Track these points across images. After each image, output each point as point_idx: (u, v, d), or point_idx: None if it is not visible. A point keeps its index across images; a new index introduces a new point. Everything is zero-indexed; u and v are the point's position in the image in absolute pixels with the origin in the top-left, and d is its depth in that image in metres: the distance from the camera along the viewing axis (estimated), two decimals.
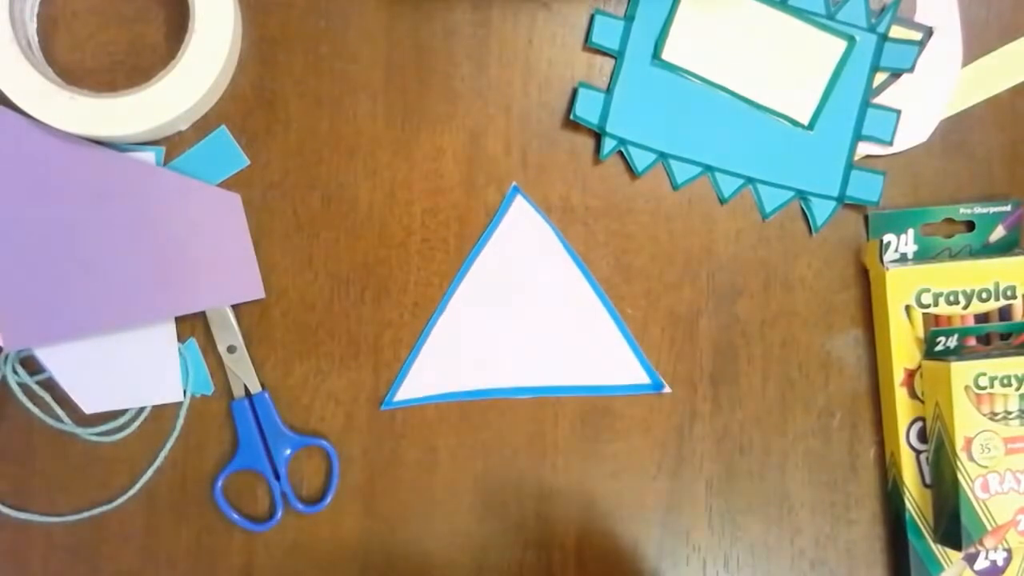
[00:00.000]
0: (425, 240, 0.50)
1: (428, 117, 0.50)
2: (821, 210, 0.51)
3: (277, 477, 0.48)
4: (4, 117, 0.44)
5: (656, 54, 0.50)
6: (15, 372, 0.47)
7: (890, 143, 0.50)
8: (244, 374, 0.48)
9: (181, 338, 0.49)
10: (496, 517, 0.50)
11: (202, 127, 0.49)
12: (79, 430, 0.48)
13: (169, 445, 0.49)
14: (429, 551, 0.50)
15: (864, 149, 0.51)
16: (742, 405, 0.51)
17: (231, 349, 0.47)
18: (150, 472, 0.49)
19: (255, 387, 0.48)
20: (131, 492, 0.49)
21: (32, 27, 0.48)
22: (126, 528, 0.49)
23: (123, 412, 0.49)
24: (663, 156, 0.50)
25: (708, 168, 0.50)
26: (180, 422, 0.49)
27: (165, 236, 0.48)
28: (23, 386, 0.48)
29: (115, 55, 0.49)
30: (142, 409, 0.49)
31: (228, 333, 0.47)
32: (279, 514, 0.49)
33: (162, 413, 0.49)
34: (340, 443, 0.49)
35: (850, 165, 0.50)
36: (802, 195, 0.51)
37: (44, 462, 0.49)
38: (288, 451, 0.48)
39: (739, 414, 0.51)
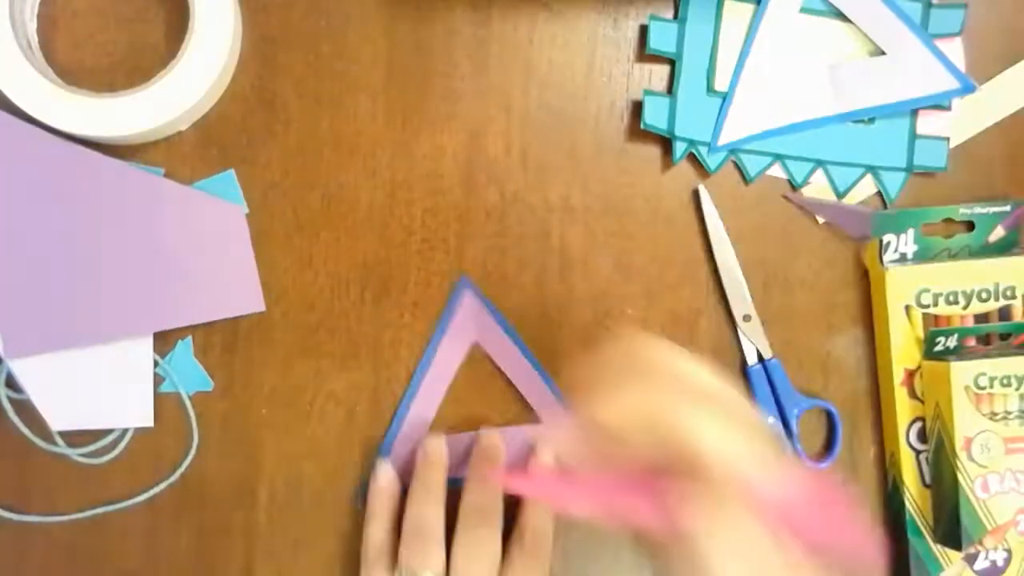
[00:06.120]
0: (425, 240, 0.50)
1: (428, 117, 0.50)
2: (892, 182, 0.51)
3: (790, 436, 0.50)
4: (8, 124, 0.44)
5: (711, 61, 0.50)
6: (6, 387, 0.47)
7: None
8: (757, 341, 0.50)
9: (176, 339, 0.49)
10: None
11: (202, 127, 0.49)
12: (69, 450, 0.48)
13: (187, 461, 0.49)
14: None
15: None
16: None
17: (746, 318, 0.50)
18: (162, 485, 0.49)
19: (767, 353, 0.50)
20: (139, 498, 0.49)
21: (32, 27, 0.48)
22: (126, 528, 0.49)
23: (108, 432, 0.49)
24: (733, 151, 0.50)
25: (778, 156, 0.51)
26: (195, 438, 0.49)
27: (167, 246, 0.47)
28: (15, 402, 0.48)
29: (115, 55, 0.49)
30: (125, 431, 0.49)
31: (743, 304, 0.50)
32: None
33: (161, 413, 0.49)
34: None
35: (914, 136, 0.51)
36: (872, 170, 0.51)
37: (44, 462, 0.49)
38: (797, 412, 0.51)
39: None
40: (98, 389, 0.47)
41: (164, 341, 0.49)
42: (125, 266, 0.46)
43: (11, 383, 0.47)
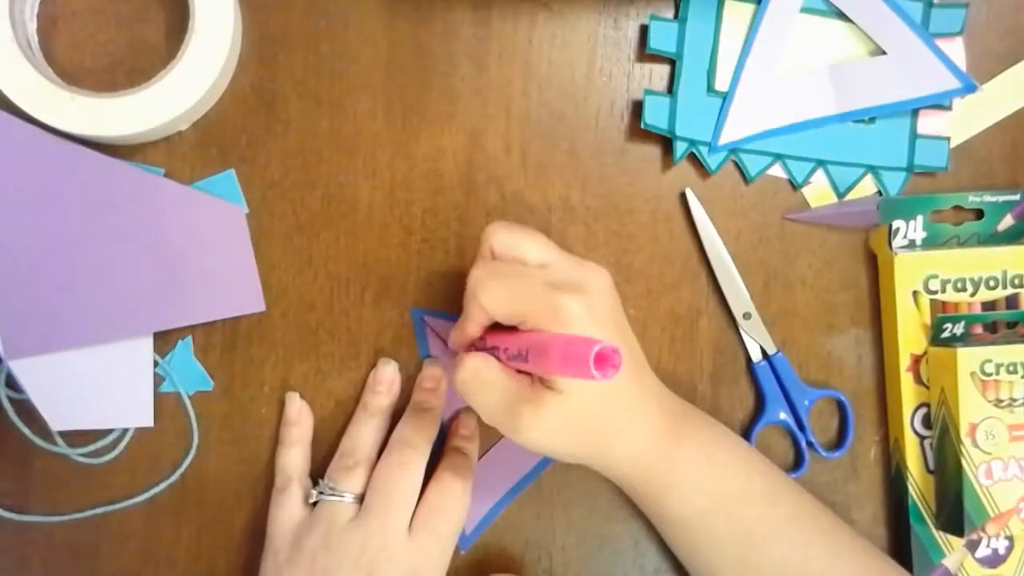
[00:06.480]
0: (425, 240, 0.50)
1: (428, 117, 0.50)
2: (893, 181, 0.51)
3: (802, 428, 0.50)
4: (8, 124, 0.44)
5: (712, 60, 0.50)
6: (7, 387, 0.47)
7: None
8: (759, 337, 0.50)
9: (176, 339, 0.49)
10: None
11: (202, 127, 0.49)
12: (69, 450, 0.48)
13: (187, 461, 0.49)
14: None
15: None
16: (742, 405, 0.51)
17: (746, 316, 0.50)
18: (162, 485, 0.49)
19: (771, 349, 0.50)
20: (139, 498, 0.49)
21: (32, 27, 0.48)
22: (126, 528, 0.49)
23: (108, 432, 0.49)
24: (734, 151, 0.50)
25: (778, 156, 0.51)
26: (195, 438, 0.49)
27: (168, 247, 0.47)
28: (15, 402, 0.48)
29: (115, 55, 0.49)
30: (125, 431, 0.49)
31: (742, 302, 0.50)
32: (806, 461, 0.51)
33: (161, 413, 0.49)
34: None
35: (914, 135, 0.51)
36: (872, 169, 0.51)
37: (45, 462, 0.49)
38: (807, 403, 0.51)
39: (739, 414, 0.51)
40: (98, 389, 0.47)
41: (164, 341, 0.49)
42: (125, 266, 0.46)
43: (11, 383, 0.47)
